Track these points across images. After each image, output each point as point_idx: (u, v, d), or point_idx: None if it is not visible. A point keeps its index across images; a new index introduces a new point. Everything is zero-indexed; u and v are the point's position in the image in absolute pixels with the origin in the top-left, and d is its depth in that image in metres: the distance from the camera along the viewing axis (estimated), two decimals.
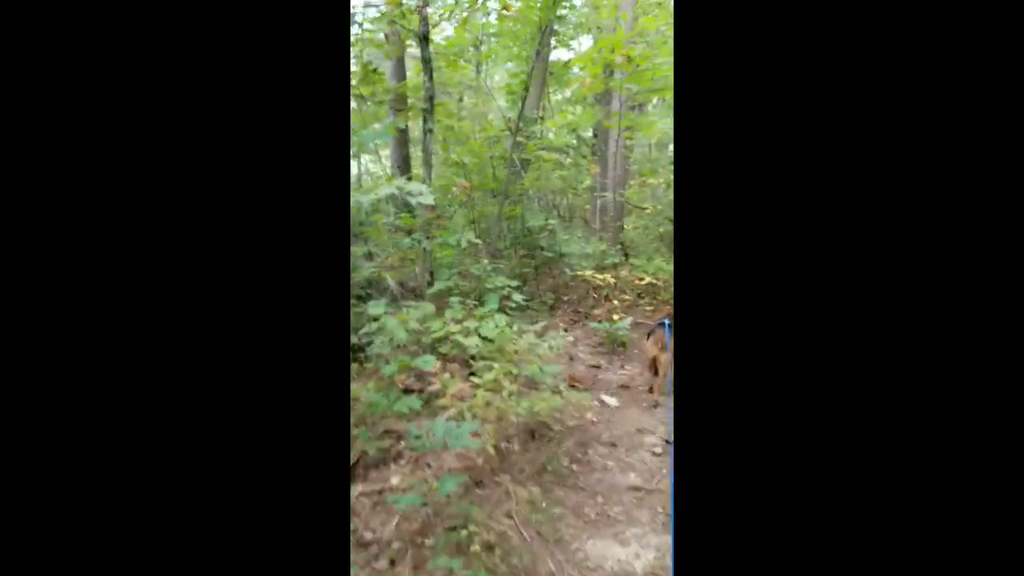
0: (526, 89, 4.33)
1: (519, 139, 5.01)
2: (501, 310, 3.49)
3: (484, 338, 2.50)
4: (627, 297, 4.39)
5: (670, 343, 3.05)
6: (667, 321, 3.18)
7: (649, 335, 3.27)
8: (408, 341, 2.70)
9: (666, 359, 3.10)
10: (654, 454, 2.57)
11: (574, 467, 2.40)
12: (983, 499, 0.68)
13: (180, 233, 0.74)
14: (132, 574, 0.71)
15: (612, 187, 5.56)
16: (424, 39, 3.53)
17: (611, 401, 3.09)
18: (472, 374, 2.39)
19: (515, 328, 2.58)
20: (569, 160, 6.43)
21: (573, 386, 3.24)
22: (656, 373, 3.20)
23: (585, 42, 8.05)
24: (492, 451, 2.02)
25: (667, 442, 2.65)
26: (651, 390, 3.23)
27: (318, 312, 0.79)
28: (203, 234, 0.75)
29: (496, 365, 2.27)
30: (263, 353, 0.76)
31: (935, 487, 0.69)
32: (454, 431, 1.85)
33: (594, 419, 2.88)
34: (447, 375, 2.66)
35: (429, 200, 2.11)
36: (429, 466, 2.26)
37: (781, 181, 0.74)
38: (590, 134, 6.57)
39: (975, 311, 0.69)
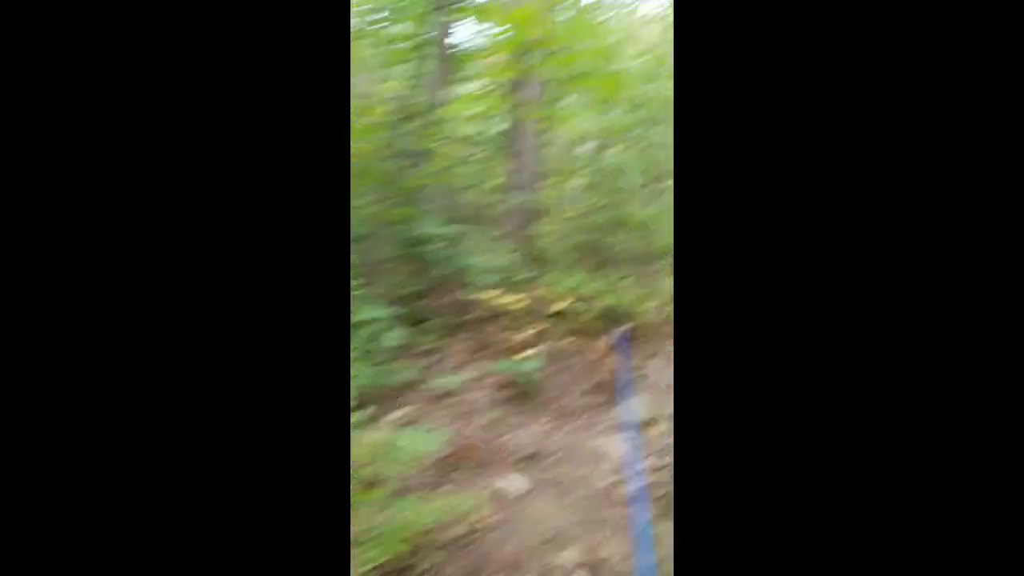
0: (415, 54, 3.37)
1: (412, 126, 4.07)
2: (368, 351, 2.53)
3: None
4: (542, 325, 3.58)
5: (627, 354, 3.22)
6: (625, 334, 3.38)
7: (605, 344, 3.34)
8: None
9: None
10: None
11: None
12: (991, 523, 0.67)
13: (180, 233, 0.73)
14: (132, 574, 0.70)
15: (525, 187, 4.73)
16: None
17: (514, 487, 2.23)
18: None
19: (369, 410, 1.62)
20: (480, 152, 5.55)
21: (463, 460, 2.36)
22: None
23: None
24: None
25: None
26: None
27: (317, 311, 0.77)
28: (202, 234, 0.73)
29: None
30: (263, 353, 0.74)
31: (936, 494, 0.69)
32: None
33: (489, 517, 2.01)
34: None
35: None
36: None
37: (782, 183, 0.73)
38: (501, 125, 5.72)
39: (973, 325, 0.69)
